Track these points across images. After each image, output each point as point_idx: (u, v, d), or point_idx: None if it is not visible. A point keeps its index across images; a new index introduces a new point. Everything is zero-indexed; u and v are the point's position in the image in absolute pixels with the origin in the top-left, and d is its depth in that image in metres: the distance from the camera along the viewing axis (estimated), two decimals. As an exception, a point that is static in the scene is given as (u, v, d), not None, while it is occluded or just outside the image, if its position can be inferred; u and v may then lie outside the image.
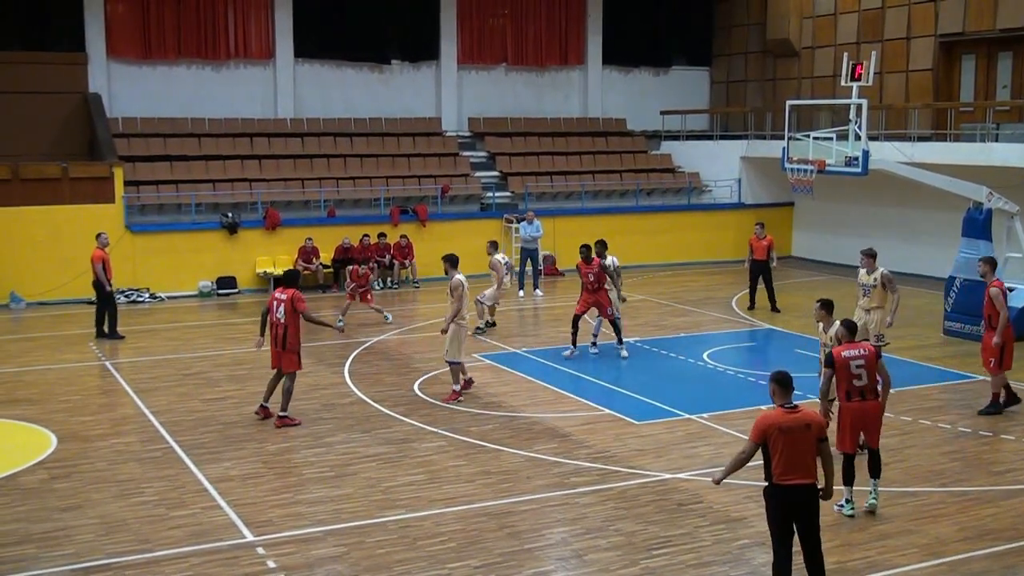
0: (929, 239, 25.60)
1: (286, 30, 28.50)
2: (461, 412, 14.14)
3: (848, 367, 10.34)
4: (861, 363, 10.35)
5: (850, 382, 10.37)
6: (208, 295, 24.07)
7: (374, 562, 9.34)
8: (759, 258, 21.41)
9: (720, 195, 30.21)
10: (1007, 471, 11.79)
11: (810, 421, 8.18)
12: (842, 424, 10.49)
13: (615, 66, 32.98)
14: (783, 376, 8.36)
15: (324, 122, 28.80)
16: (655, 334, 19.29)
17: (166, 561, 9.36)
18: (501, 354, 17.76)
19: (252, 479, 11.53)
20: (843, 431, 10.46)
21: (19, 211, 22.78)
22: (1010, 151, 22.35)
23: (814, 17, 29.98)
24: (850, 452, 10.42)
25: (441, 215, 26.64)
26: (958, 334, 18.97)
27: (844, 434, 10.45)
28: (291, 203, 26.03)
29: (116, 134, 25.88)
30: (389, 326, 20.12)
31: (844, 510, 10.36)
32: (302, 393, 15.14)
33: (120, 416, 14.14)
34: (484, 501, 10.84)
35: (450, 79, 30.63)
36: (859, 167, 18.97)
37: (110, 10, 26.84)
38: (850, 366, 10.34)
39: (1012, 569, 9.28)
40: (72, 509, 10.62)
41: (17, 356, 17.88)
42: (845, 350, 10.47)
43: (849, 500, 10.39)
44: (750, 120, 31.20)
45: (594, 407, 14.37)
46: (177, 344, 18.88)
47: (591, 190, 29.19)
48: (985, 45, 25.95)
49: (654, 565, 9.27)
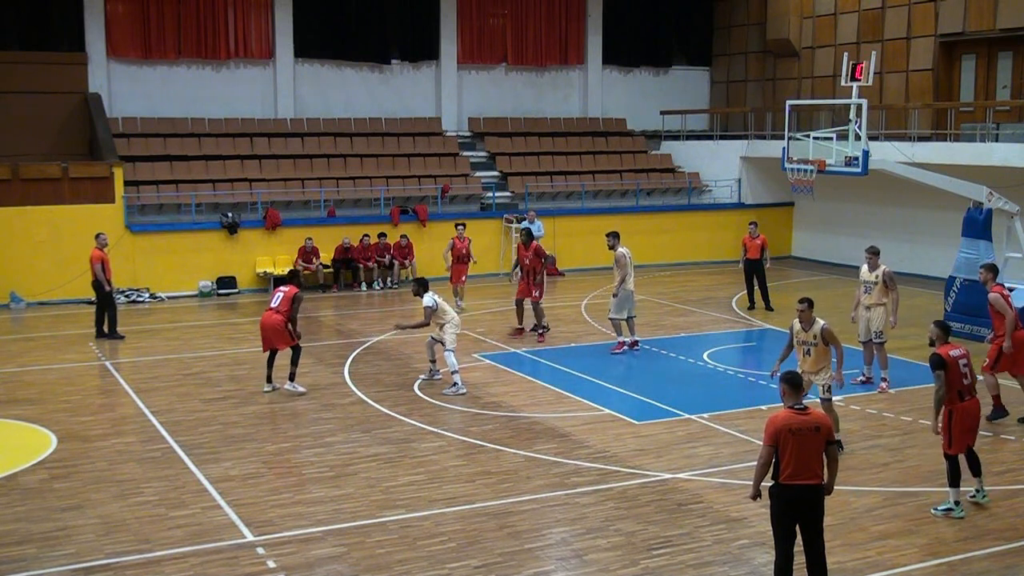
0: (929, 239, 25.61)
1: (286, 30, 28.51)
2: (461, 412, 14.14)
3: (957, 367, 10.39)
4: (966, 361, 10.48)
5: (960, 382, 10.40)
6: (208, 295, 24.07)
7: (374, 562, 9.34)
8: (752, 257, 21.45)
9: (720, 195, 30.22)
10: (1007, 471, 11.79)
11: (819, 424, 8.18)
12: (965, 426, 10.39)
13: (615, 66, 33.00)
14: (793, 376, 8.39)
15: (324, 122, 28.80)
16: (655, 334, 19.29)
17: (166, 561, 9.36)
18: (501, 354, 17.76)
19: (252, 479, 11.53)
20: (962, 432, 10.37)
21: (19, 211, 22.78)
22: (1010, 151, 22.35)
23: (814, 17, 29.99)
24: (961, 452, 10.44)
25: (441, 215, 26.63)
26: (958, 334, 18.85)
27: (959, 435, 10.37)
28: (291, 203, 26.03)
29: (116, 134, 25.87)
30: (389, 326, 20.10)
31: (955, 513, 10.32)
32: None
33: (120, 416, 14.14)
34: (484, 501, 10.84)
35: (450, 79, 30.63)
36: (859, 167, 18.96)
37: (110, 10, 26.84)
38: (959, 366, 10.39)
39: (1012, 569, 9.28)
40: (72, 509, 10.62)
41: (17, 356, 17.88)
42: (951, 350, 10.49)
43: (959, 502, 10.39)
44: (750, 120, 31.20)
45: (594, 407, 14.37)
46: (177, 344, 18.88)
47: (591, 190, 29.20)
48: (985, 45, 25.95)
49: (654, 565, 9.27)
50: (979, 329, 18.62)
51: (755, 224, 22.04)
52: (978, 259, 18.90)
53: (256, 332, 15.56)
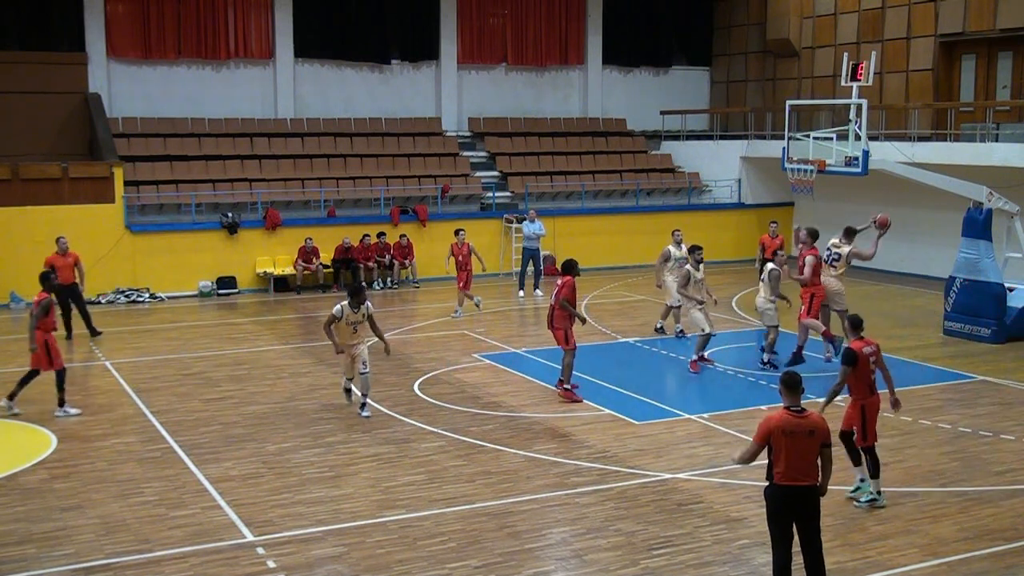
0: (929, 239, 25.60)
1: (286, 30, 28.50)
2: (461, 412, 14.14)
3: (868, 362, 10.45)
4: (875, 358, 10.56)
5: (869, 377, 10.50)
6: (208, 295, 24.07)
7: (374, 562, 9.34)
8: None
9: (720, 195, 30.22)
10: (1007, 471, 11.79)
11: (814, 427, 8.14)
12: (873, 419, 10.56)
13: (615, 66, 32.99)
14: (789, 377, 8.33)
15: (324, 122, 28.80)
16: (655, 334, 19.29)
17: (166, 561, 9.37)
18: (501, 354, 17.76)
19: (252, 479, 11.53)
20: (873, 424, 10.56)
21: (19, 211, 22.77)
22: (1010, 151, 22.35)
23: (814, 17, 29.98)
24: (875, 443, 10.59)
25: (441, 215, 26.63)
26: (958, 334, 18.98)
27: (872, 428, 10.55)
28: (291, 203, 26.03)
29: (116, 134, 25.87)
30: (388, 326, 20.11)
31: (879, 502, 10.52)
32: (303, 393, 15.18)
33: (120, 416, 14.14)
34: (484, 501, 10.84)
35: (450, 79, 30.63)
36: (859, 167, 18.95)
37: (110, 10, 26.84)
38: (869, 361, 10.46)
39: (1012, 569, 9.28)
40: (72, 509, 10.62)
41: (17, 356, 17.85)
42: (864, 346, 10.56)
43: (881, 492, 10.58)
44: (750, 120, 31.20)
45: (594, 407, 14.36)
46: (177, 344, 18.88)
47: (591, 190, 29.20)
48: (985, 45, 25.95)
49: (654, 565, 9.27)
50: (979, 329, 18.64)
51: (776, 223, 22.00)
52: (978, 259, 18.94)
53: (256, 332, 15.55)
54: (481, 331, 19.60)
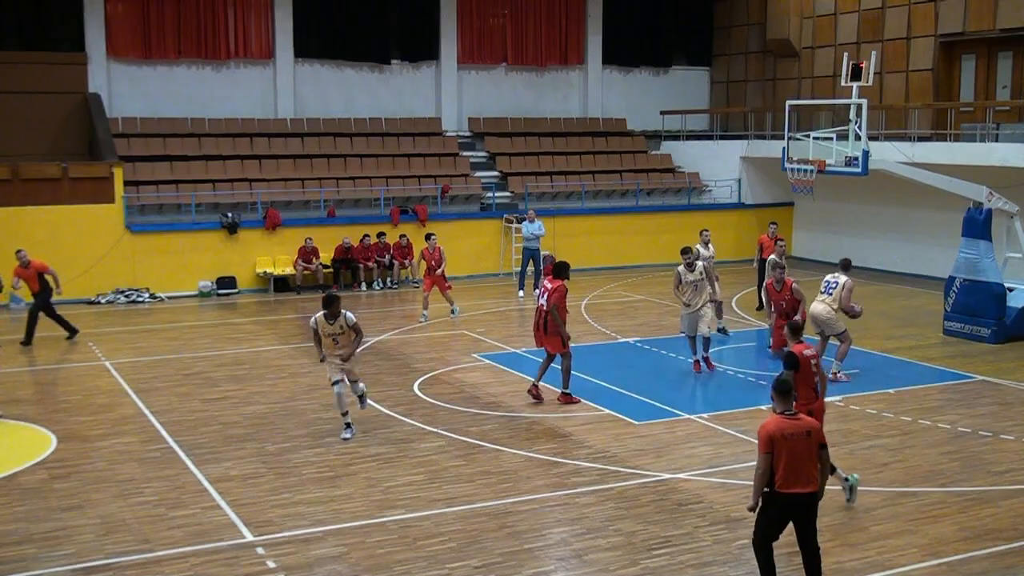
0: (929, 239, 25.60)
1: (286, 30, 28.50)
2: (461, 412, 14.14)
3: (810, 365, 10.46)
4: (816, 361, 10.57)
5: (812, 379, 10.50)
6: (208, 295, 24.07)
7: (374, 562, 9.34)
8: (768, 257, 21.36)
9: (720, 195, 30.22)
10: (1007, 471, 11.79)
11: (810, 428, 8.23)
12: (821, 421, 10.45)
13: (615, 66, 32.99)
14: (780, 384, 8.38)
15: (324, 122, 28.79)
16: (655, 334, 19.30)
17: (166, 561, 9.36)
18: (501, 354, 17.76)
19: (252, 479, 11.53)
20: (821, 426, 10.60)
21: (19, 211, 22.76)
22: (1010, 151, 22.35)
23: (814, 17, 29.98)
24: None
25: (441, 215, 26.63)
26: (958, 334, 18.98)
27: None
28: (291, 203, 26.03)
29: (116, 134, 25.86)
30: (388, 326, 20.13)
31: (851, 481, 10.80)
32: (303, 393, 15.18)
33: (120, 416, 14.14)
34: (484, 501, 10.84)
35: (450, 79, 30.63)
36: (859, 167, 18.95)
37: (110, 10, 26.83)
38: (811, 364, 10.47)
39: (1012, 569, 9.28)
40: (72, 509, 10.62)
41: (17, 356, 17.88)
42: (804, 349, 10.57)
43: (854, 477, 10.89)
44: (750, 120, 31.21)
45: (594, 407, 14.36)
46: (177, 344, 18.88)
47: (591, 190, 29.20)
48: (985, 45, 25.95)
49: (654, 565, 9.27)
50: (979, 329, 18.65)
51: (775, 224, 21.98)
52: (978, 259, 18.94)
53: (256, 332, 15.56)
54: (481, 331, 19.60)
